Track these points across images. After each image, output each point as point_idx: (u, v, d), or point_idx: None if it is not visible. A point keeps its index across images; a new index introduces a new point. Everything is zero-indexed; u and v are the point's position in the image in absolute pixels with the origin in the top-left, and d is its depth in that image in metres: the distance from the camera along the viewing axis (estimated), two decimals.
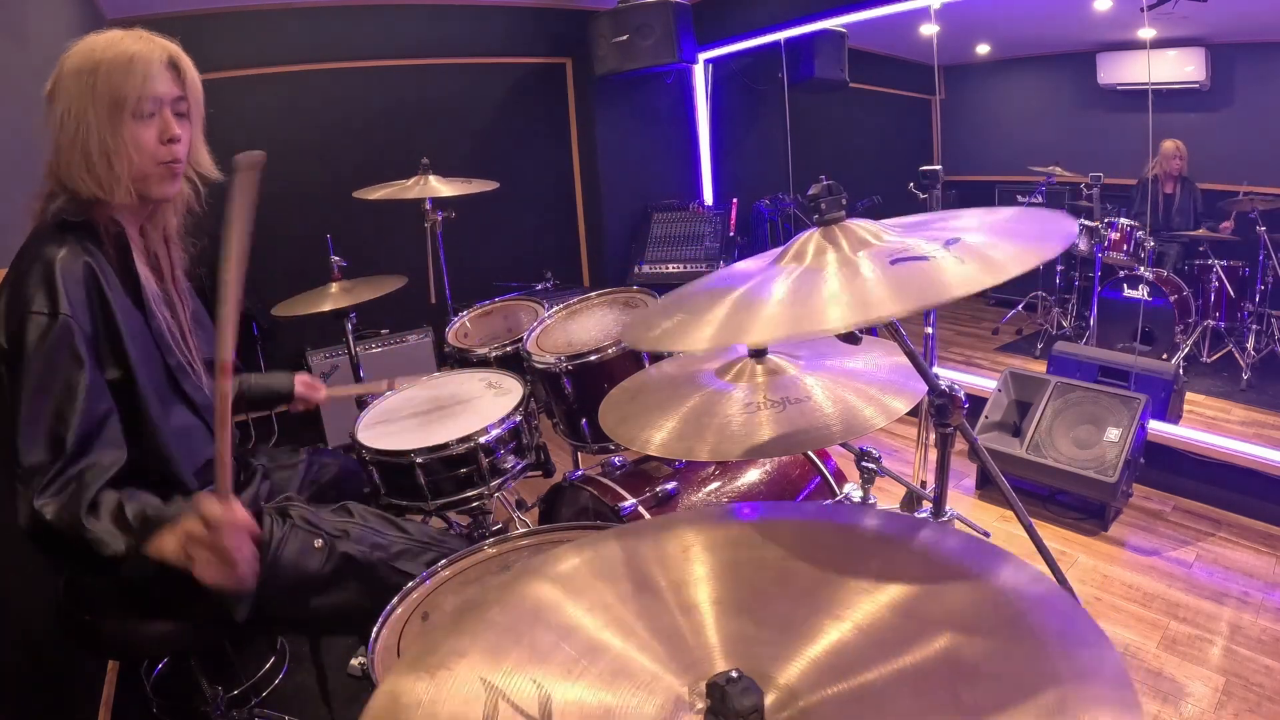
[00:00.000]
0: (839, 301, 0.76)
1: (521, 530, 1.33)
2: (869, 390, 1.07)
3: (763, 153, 4.27)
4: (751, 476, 1.69)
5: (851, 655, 0.58)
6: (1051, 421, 2.59)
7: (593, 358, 1.74)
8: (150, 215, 1.25)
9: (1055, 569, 1.06)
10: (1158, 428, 2.62)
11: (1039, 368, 3.16)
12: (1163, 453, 2.63)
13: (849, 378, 1.11)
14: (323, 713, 1.68)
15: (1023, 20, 3.83)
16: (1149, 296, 3.33)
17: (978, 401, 2.77)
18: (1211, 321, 3.46)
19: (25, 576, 1.53)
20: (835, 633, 0.60)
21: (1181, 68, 3.45)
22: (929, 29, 3.23)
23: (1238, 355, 3.35)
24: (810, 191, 0.88)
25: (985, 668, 0.55)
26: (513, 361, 1.98)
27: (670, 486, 1.59)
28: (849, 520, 0.82)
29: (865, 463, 1.51)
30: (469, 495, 1.64)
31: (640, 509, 1.55)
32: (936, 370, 1.22)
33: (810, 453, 1.71)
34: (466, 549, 1.27)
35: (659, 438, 1.06)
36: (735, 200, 3.92)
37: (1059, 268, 4.00)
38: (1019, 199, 4.01)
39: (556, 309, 2.09)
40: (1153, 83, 3.04)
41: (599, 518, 1.64)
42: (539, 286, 3.58)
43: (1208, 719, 1.69)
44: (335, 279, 2.39)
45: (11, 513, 1.01)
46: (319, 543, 1.26)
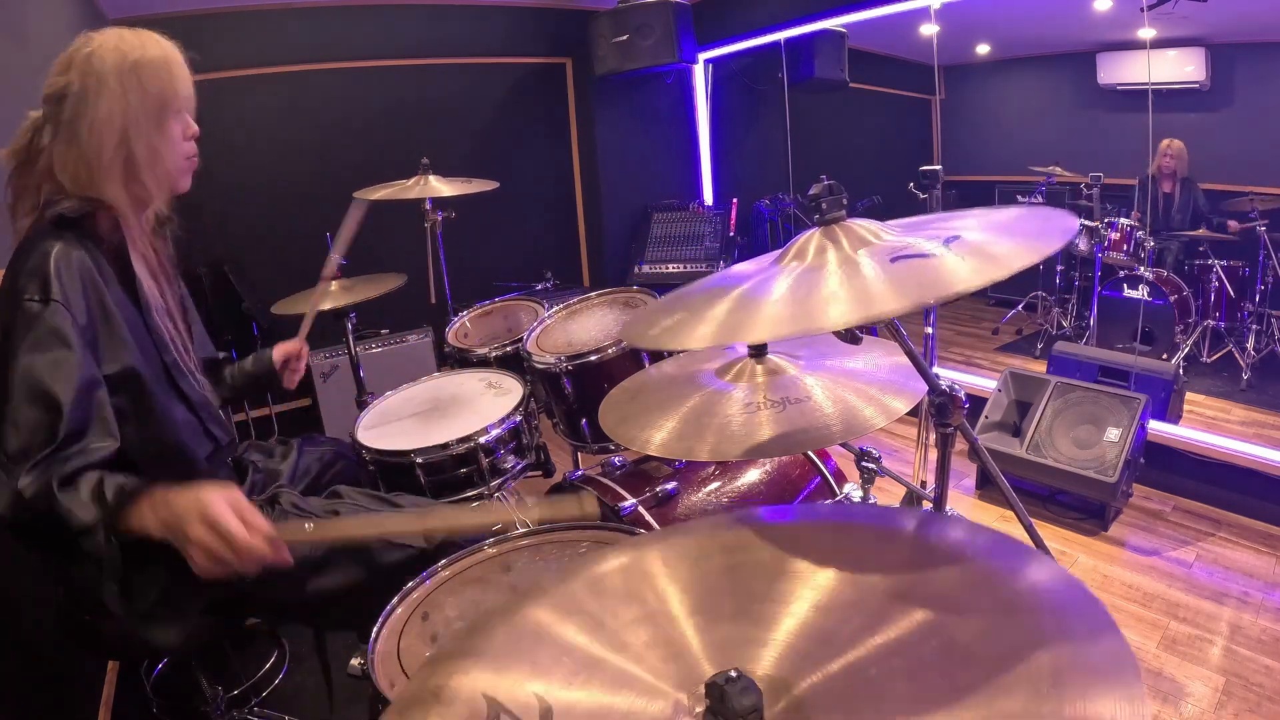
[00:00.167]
0: (839, 299, 0.76)
1: (521, 530, 1.33)
2: (869, 390, 1.07)
3: (763, 153, 4.26)
4: (751, 477, 1.69)
5: (823, 635, 0.60)
6: (1051, 421, 2.59)
7: (593, 358, 1.74)
8: (142, 214, 1.25)
9: None
10: (1158, 428, 2.62)
11: (1039, 368, 3.16)
12: (1163, 453, 2.63)
13: (849, 377, 1.11)
14: (323, 713, 1.68)
15: (1023, 20, 3.83)
16: (1149, 296, 3.33)
17: (978, 401, 2.77)
18: (1211, 321, 3.46)
19: (25, 577, 1.53)
20: (798, 616, 0.62)
21: (1181, 68, 3.45)
22: (929, 29, 3.23)
23: (1238, 355, 3.35)
24: (811, 191, 0.88)
25: (976, 645, 0.55)
26: (513, 361, 1.99)
27: (670, 486, 1.59)
28: (796, 519, 0.85)
29: (865, 463, 1.51)
30: (469, 495, 1.64)
31: (640, 509, 1.54)
32: (936, 370, 1.22)
33: (810, 453, 1.71)
34: (466, 549, 1.27)
35: (659, 438, 1.06)
36: (735, 200, 3.92)
37: (1059, 268, 3.99)
38: (1019, 199, 4.01)
39: (556, 309, 2.09)
40: (1153, 83, 3.04)
41: (598, 518, 1.63)
42: (539, 286, 3.57)
43: (1208, 719, 1.69)
44: (335, 278, 2.38)
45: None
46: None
